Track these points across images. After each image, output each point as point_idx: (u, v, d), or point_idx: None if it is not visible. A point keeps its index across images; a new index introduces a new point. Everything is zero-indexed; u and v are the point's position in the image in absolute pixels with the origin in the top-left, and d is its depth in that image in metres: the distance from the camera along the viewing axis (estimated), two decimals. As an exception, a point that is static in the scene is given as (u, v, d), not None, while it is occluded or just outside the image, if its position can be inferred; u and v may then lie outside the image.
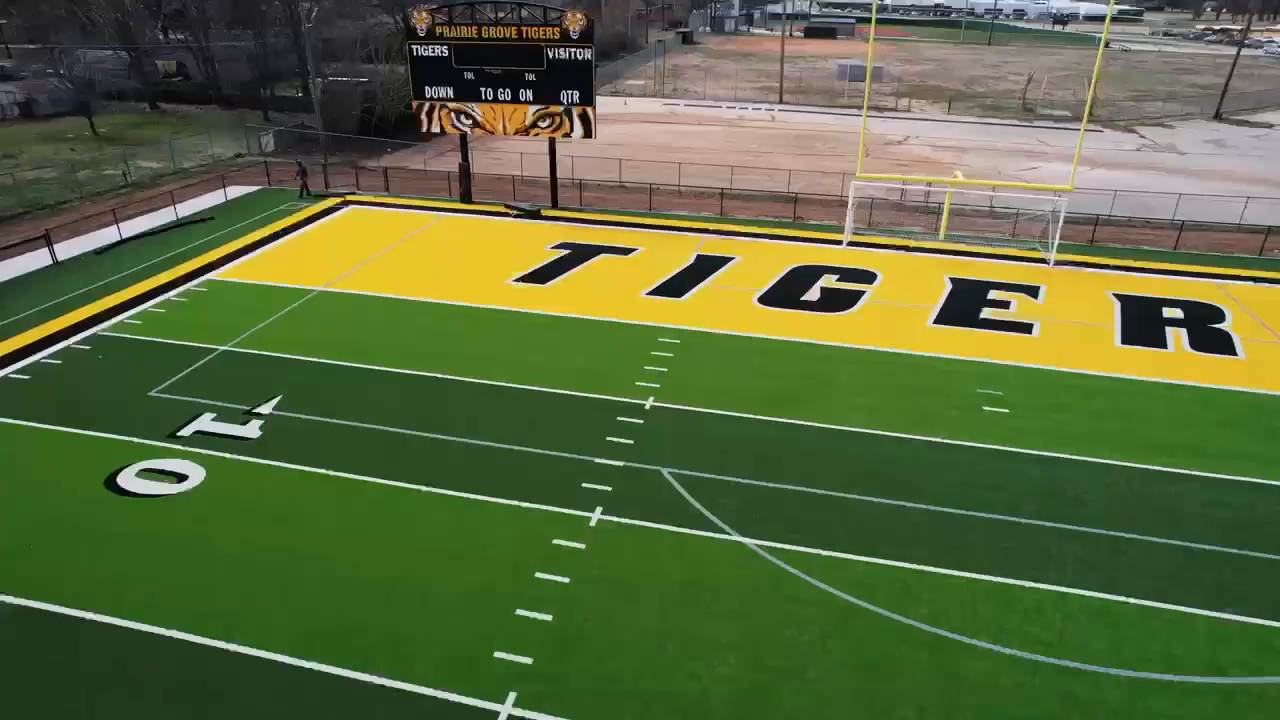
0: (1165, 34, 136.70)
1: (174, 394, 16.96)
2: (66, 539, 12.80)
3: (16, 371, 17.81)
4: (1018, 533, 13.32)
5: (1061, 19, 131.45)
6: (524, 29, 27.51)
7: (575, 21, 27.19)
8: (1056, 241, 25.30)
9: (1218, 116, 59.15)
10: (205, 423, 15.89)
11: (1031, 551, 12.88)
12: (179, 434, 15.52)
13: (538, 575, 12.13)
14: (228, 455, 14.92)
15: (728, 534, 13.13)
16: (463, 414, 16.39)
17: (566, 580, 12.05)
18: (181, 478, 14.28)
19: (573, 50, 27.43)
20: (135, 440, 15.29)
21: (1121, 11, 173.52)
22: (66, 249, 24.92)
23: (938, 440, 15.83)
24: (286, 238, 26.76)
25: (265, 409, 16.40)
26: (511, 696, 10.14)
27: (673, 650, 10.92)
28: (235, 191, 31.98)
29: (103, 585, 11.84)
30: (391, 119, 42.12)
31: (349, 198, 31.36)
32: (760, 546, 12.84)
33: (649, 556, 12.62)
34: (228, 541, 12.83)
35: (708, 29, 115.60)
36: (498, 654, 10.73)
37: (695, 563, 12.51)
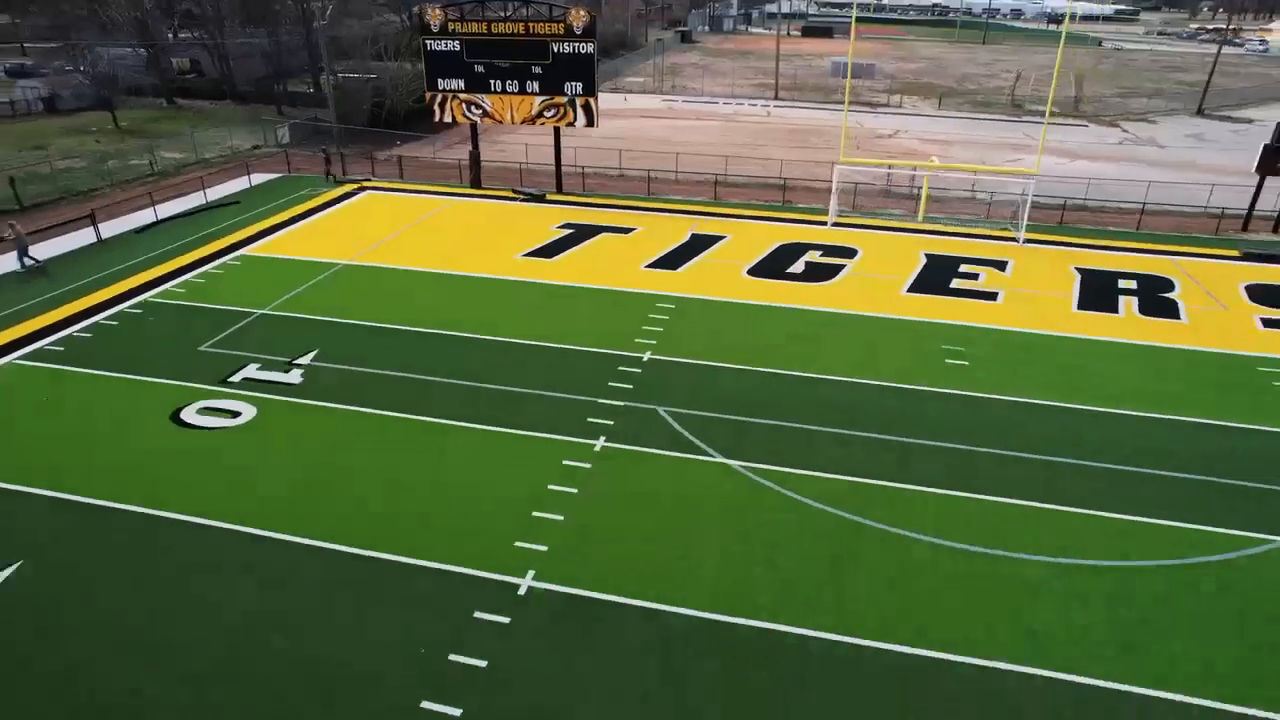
0: (1160, 33, 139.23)
1: (221, 349, 19.06)
2: (144, 460, 14.89)
3: (80, 330, 19.92)
4: (966, 456, 15.41)
5: (1056, 18, 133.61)
6: (530, 25, 29.64)
7: (579, 18, 29.33)
8: (1025, 222, 27.44)
9: (1200, 112, 61.36)
10: (251, 371, 17.99)
11: (975, 470, 14.97)
12: (229, 380, 17.62)
13: (550, 488, 14.22)
14: (274, 396, 17.02)
15: (714, 457, 15.22)
16: (482, 365, 18.50)
17: (575, 491, 14.15)
18: (235, 414, 16.37)
19: (576, 45, 29.58)
20: (192, 385, 17.39)
21: (1118, 11, 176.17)
22: (107, 229, 27.01)
23: (903, 386, 17.93)
24: (310, 219, 28.88)
25: (304, 360, 18.50)
26: (530, 573, 12.23)
27: (664, 540, 13.02)
28: (258, 178, 34.10)
29: (180, 489, 13.94)
30: (400, 113, 44.26)
31: (365, 184, 33.49)
32: (743, 467, 14.93)
33: (646, 474, 14.72)
34: (281, 458, 14.94)
35: (706, 28, 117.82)
36: (518, 544, 12.82)
37: (686, 479, 14.60)
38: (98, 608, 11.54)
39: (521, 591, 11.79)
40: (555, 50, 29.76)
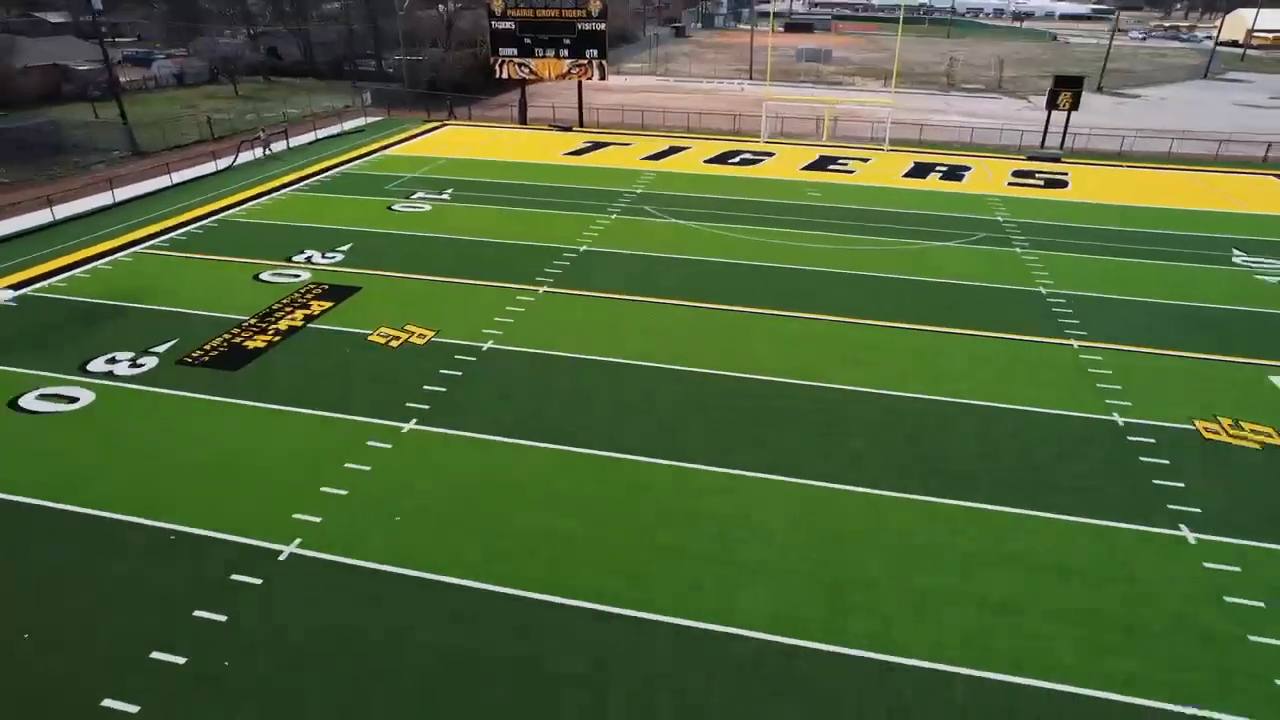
0: (1119, 30, 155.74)
1: (401, 187, 34.64)
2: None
3: (301, 190, 35.51)
4: (827, 237, 30.96)
5: (1020, 16, 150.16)
6: (562, 10, 45.50)
7: (595, 5, 45.21)
8: (888, 137, 43.20)
9: (1099, 89, 77.22)
10: (418, 198, 33.54)
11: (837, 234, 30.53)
12: (411, 197, 33.20)
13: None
14: (443, 199, 32.55)
15: (671, 219, 30.78)
16: (532, 199, 34.13)
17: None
18: (424, 209, 31.93)
19: (593, 24, 45.47)
20: (379, 199, 32.97)
21: (1095, 10, 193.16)
22: (277, 148, 42.74)
23: (780, 201, 33.55)
24: (418, 139, 44.68)
25: (446, 195, 34.07)
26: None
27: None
28: (361, 121, 49.94)
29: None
30: (449, 84, 60.23)
31: (446, 122, 49.35)
32: (694, 224, 30.48)
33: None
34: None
35: (699, 24, 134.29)
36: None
37: (650, 232, 30.09)
38: None
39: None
40: (579, 28, 45.65)
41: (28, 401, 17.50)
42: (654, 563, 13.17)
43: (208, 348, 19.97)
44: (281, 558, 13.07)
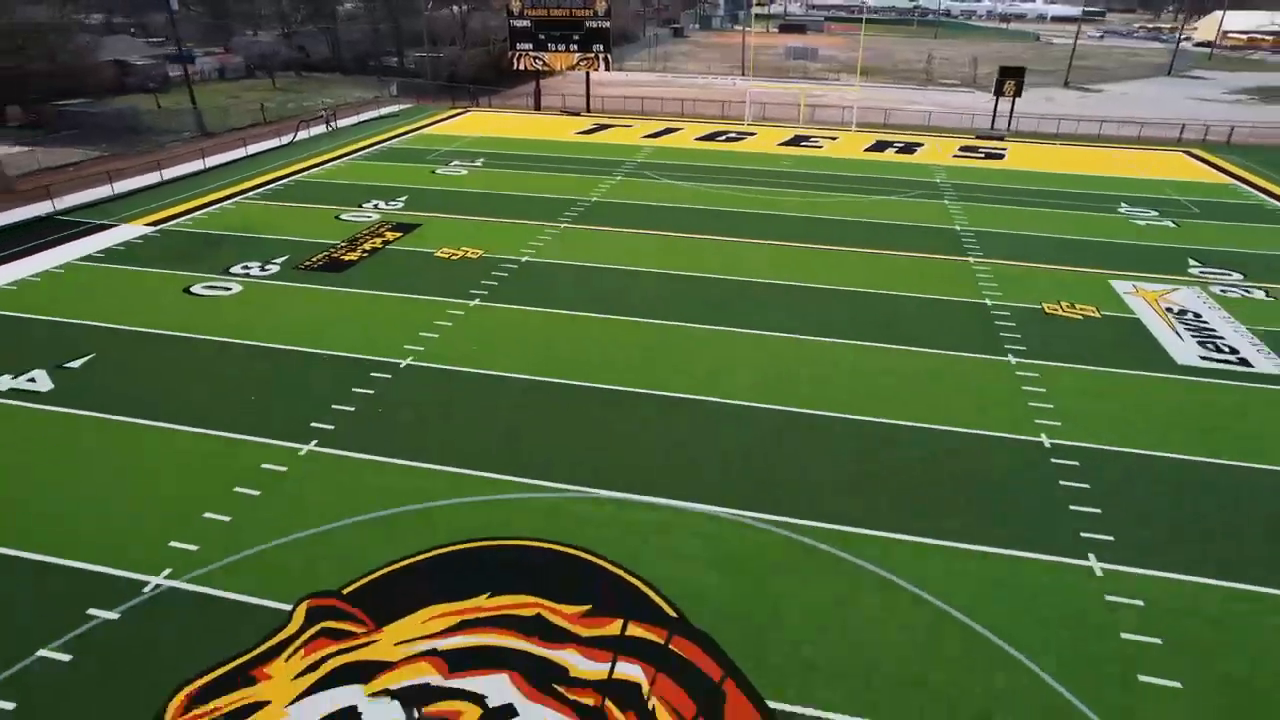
0: (1108, 32, 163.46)
1: (439, 157, 41.72)
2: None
3: (356, 159, 42.59)
4: (795, 191, 38.01)
5: (1006, 18, 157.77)
6: (572, 10, 52.70)
7: (601, 5, 52.42)
8: (855, 120, 50.34)
9: (1066, 84, 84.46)
10: (455, 165, 40.59)
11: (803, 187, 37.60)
12: (449, 164, 40.27)
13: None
14: (476, 165, 39.63)
15: (666, 180, 37.81)
16: (550, 166, 41.19)
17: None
18: (462, 170, 39.01)
19: (599, 21, 52.66)
20: (423, 165, 40.04)
21: (1086, 12, 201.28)
22: (336, 125, 49.87)
23: (758, 169, 40.60)
24: (446, 121, 51.86)
25: (479, 162, 41.14)
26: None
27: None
28: (401, 107, 57.14)
29: (452, 187, 36.68)
30: (467, 77, 67.44)
31: (468, 109, 56.56)
32: (685, 184, 37.50)
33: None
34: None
35: (697, 25, 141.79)
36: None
37: (648, 189, 37.14)
38: None
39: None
40: (587, 25, 52.85)
41: (196, 290, 24.54)
42: (678, 375, 20.18)
43: (314, 260, 27.00)
44: (402, 366, 20.06)
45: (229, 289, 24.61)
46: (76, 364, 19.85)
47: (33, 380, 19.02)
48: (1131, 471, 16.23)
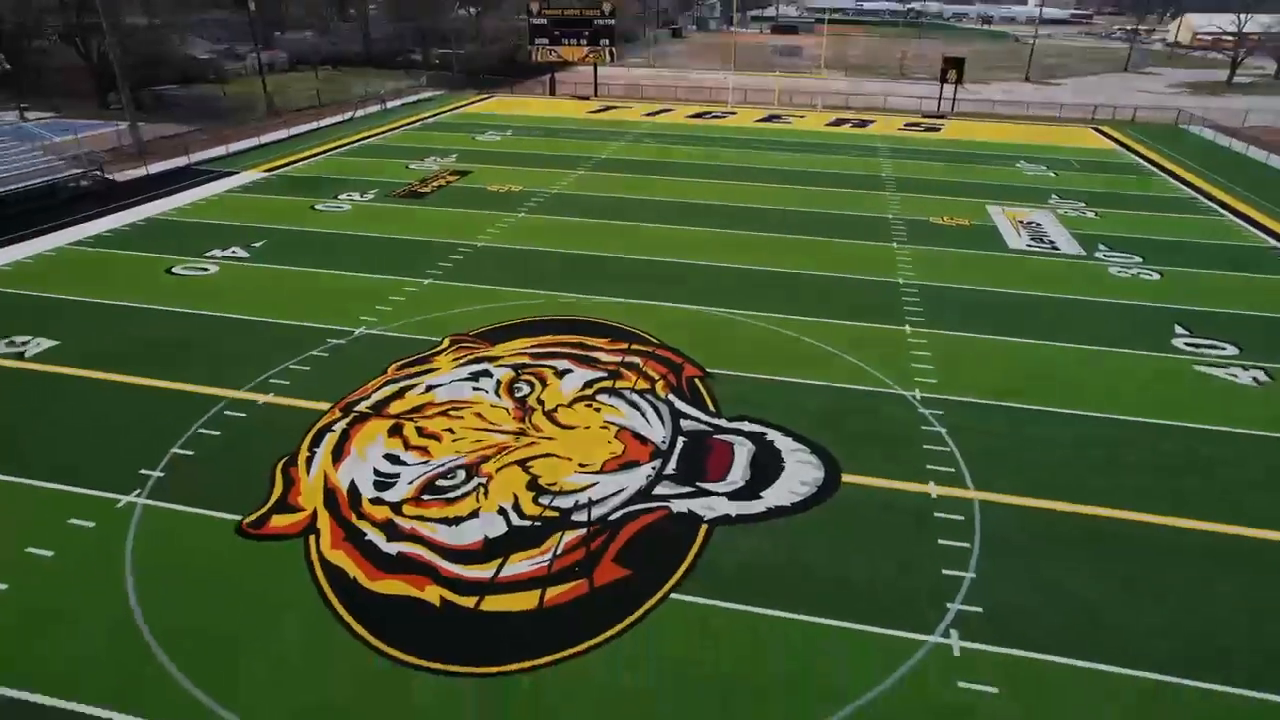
0: (1087, 34, 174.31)
1: (474, 129, 51.93)
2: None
3: (406, 131, 52.78)
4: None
5: (986, 19, 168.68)
6: (583, 10, 63.11)
7: (607, 5, 62.83)
8: (821, 103, 60.65)
9: (1026, 78, 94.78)
10: (490, 133, 50.80)
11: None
12: (484, 133, 50.48)
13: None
14: (507, 134, 49.80)
15: (661, 144, 47.97)
16: (568, 134, 51.40)
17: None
18: (488, 141, 49.21)
19: (606, 19, 63.08)
20: (462, 134, 50.25)
21: (1074, 15, 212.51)
22: (383, 106, 60.12)
23: (737, 137, 50.76)
24: (474, 105, 62.19)
25: (509, 132, 51.35)
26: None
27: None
28: (434, 93, 67.46)
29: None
30: (488, 69, 77.87)
31: (491, 95, 66.98)
32: (677, 147, 47.64)
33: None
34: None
35: (694, 27, 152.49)
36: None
37: (648, 150, 47.31)
38: None
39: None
40: (595, 22, 63.28)
41: (321, 207, 34.66)
42: (663, 253, 30.26)
43: (399, 192, 37.15)
44: (479, 245, 30.12)
45: (344, 208, 34.77)
46: (266, 242, 30.05)
47: (234, 252, 29.12)
48: (958, 296, 26.35)
